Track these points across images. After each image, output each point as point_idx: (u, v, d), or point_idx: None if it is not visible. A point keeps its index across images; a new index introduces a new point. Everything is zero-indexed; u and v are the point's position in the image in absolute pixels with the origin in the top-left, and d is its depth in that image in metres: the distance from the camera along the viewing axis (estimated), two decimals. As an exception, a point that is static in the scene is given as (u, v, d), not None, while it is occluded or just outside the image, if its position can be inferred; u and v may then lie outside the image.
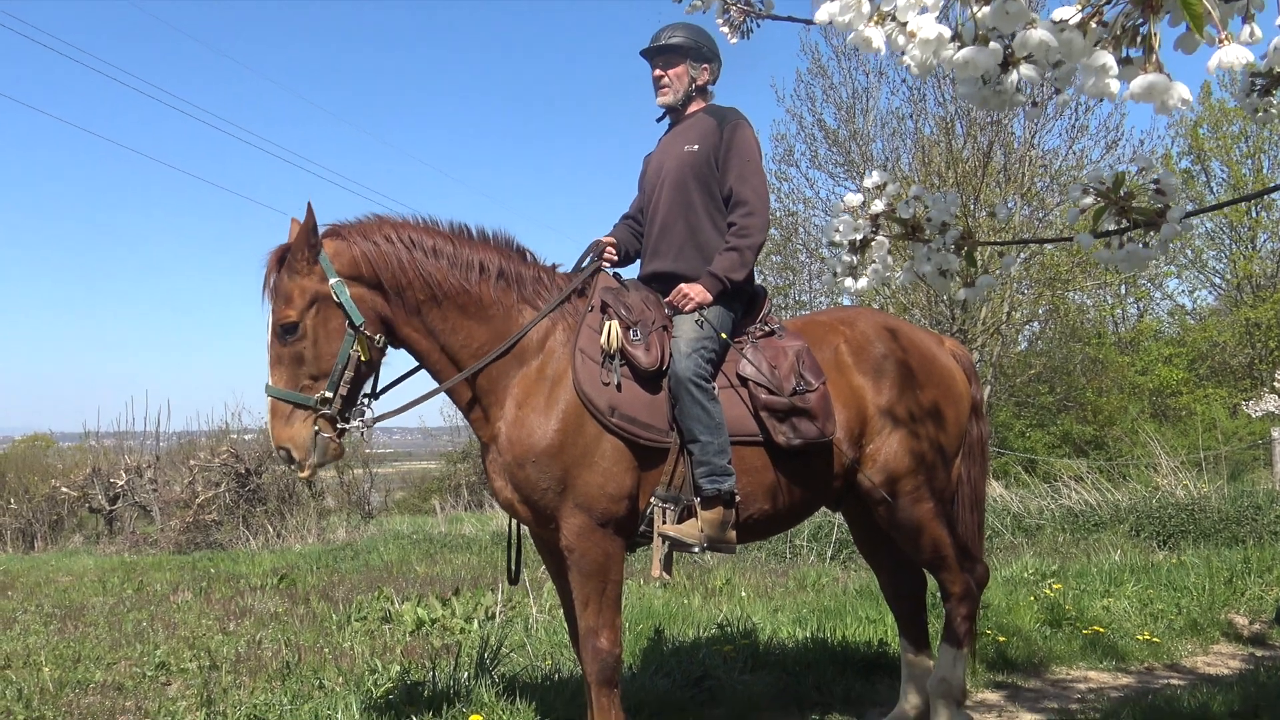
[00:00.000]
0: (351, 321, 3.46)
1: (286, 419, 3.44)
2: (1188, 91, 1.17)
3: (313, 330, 3.46)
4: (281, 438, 3.44)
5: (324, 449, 3.45)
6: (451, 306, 3.58)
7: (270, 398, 3.48)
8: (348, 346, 3.46)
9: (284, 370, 3.47)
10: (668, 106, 4.01)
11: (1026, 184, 16.44)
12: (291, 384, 3.46)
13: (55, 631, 7.06)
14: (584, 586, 3.54)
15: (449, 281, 3.57)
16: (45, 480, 17.31)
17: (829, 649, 5.40)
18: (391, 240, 3.57)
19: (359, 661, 5.47)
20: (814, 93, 17.61)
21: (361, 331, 3.46)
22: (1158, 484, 11.13)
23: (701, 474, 3.52)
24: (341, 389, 3.46)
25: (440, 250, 3.60)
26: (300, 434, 3.43)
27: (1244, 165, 23.45)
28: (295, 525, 14.57)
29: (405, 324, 3.58)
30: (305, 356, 3.46)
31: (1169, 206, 1.47)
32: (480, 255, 3.65)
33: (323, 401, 3.44)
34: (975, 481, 4.34)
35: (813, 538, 9.61)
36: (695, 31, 3.92)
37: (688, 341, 3.60)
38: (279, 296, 3.48)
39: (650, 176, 4.05)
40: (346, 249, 3.53)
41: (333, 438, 3.46)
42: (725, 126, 3.88)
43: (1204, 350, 23.79)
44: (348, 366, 3.46)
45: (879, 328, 4.09)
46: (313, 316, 3.46)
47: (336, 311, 3.47)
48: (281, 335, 3.46)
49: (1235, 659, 5.76)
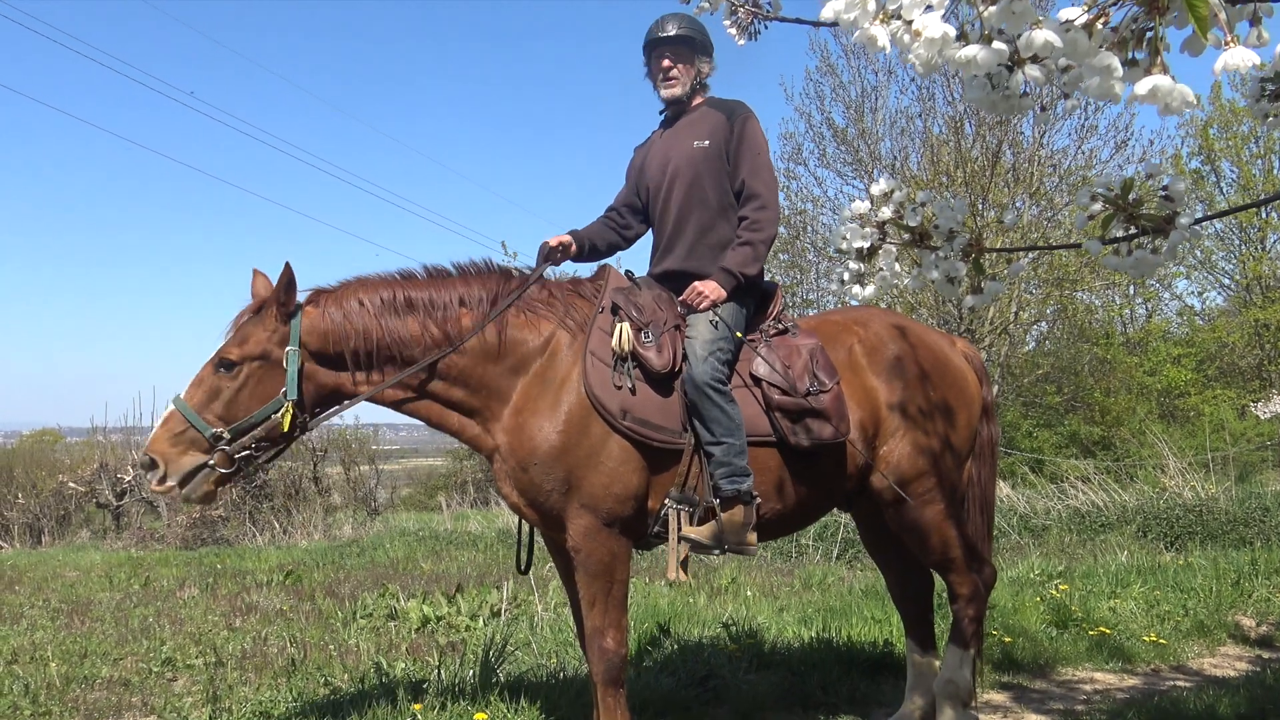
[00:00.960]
0: (287, 392, 3.48)
1: (175, 436, 3.44)
2: (1191, 94, 1.17)
3: (246, 379, 3.50)
4: (158, 449, 3.43)
5: (197, 485, 3.44)
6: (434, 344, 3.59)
7: (172, 406, 3.50)
8: (271, 409, 3.49)
9: (201, 394, 3.50)
10: (674, 99, 4.00)
11: (1035, 184, 16.40)
12: (200, 409, 3.47)
13: (62, 627, 7.08)
14: (590, 586, 3.54)
15: (422, 331, 3.59)
16: (53, 475, 17.39)
17: (834, 649, 5.40)
18: (364, 304, 3.59)
19: (364, 659, 5.47)
20: (823, 91, 17.63)
21: (294, 405, 3.49)
22: (1165, 485, 11.11)
23: (721, 475, 3.50)
24: (246, 439, 3.48)
25: (414, 301, 3.62)
26: (179, 458, 3.43)
27: (1254, 166, 23.35)
28: (301, 521, 14.61)
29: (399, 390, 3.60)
30: (223, 396, 3.48)
31: (1177, 213, 1.47)
32: (463, 290, 3.67)
33: (215, 438, 3.44)
34: (984, 483, 4.32)
35: (819, 537, 9.61)
36: (696, 23, 3.91)
37: (703, 344, 3.59)
38: (236, 332, 3.55)
39: (654, 172, 4.02)
40: (320, 322, 3.57)
41: (210, 479, 3.44)
42: (735, 120, 3.87)
43: (1212, 351, 23.71)
44: (261, 425, 3.49)
45: (892, 328, 4.09)
46: (254, 368, 3.51)
47: (280, 377, 3.50)
48: (216, 367, 3.51)
49: (1242, 661, 5.74)
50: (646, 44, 3.96)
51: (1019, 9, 1.20)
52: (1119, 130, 16.75)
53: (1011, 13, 1.19)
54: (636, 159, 4.16)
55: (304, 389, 3.53)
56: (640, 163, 4.12)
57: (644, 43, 3.97)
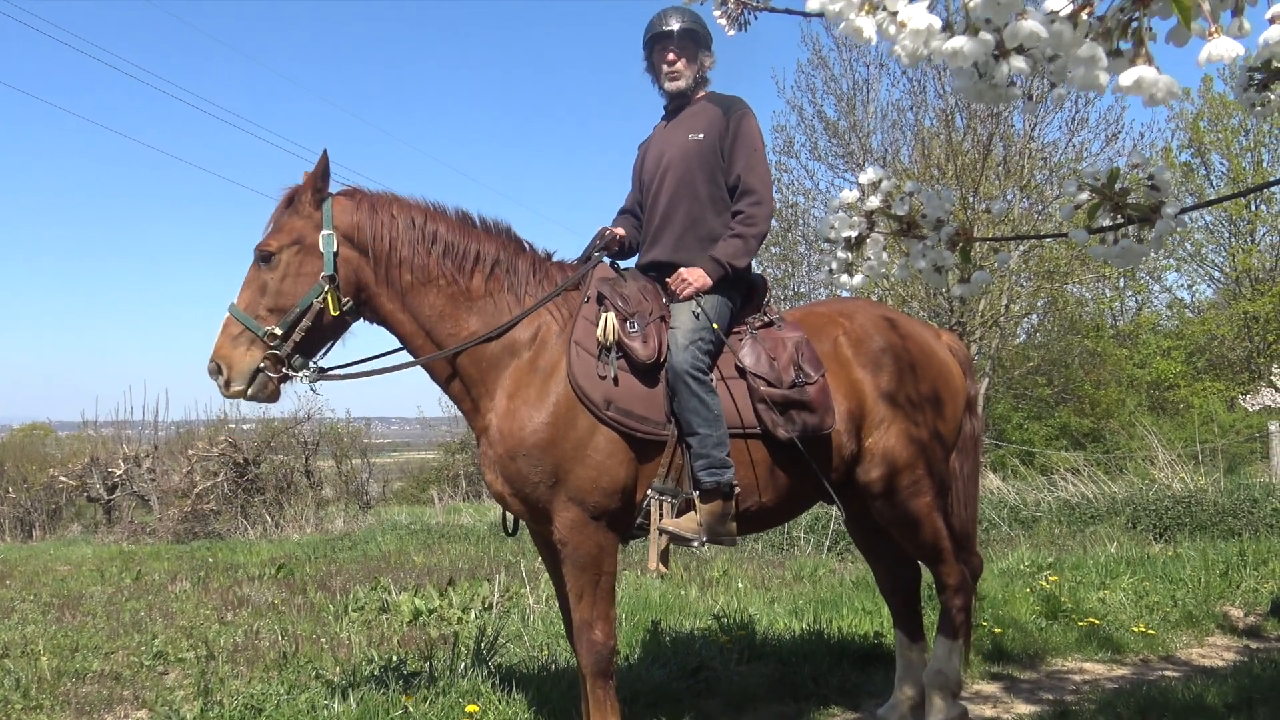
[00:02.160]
0: (326, 273, 3.50)
1: (234, 339, 3.50)
2: (1176, 85, 1.19)
3: (285, 266, 3.52)
4: (221, 354, 3.49)
5: (262, 385, 3.49)
6: (439, 293, 3.60)
7: (228, 313, 3.53)
8: (314, 295, 3.50)
9: (249, 294, 3.54)
10: (679, 92, 3.98)
11: (1026, 176, 16.44)
12: (250, 310, 3.51)
13: (53, 620, 7.07)
14: (578, 579, 3.53)
15: (438, 269, 3.60)
16: (43, 469, 17.36)
17: (825, 640, 5.41)
18: (394, 217, 3.61)
19: (356, 652, 5.48)
20: (814, 84, 17.64)
21: (334, 286, 3.50)
22: (1154, 477, 11.16)
23: (700, 466, 3.50)
24: (296, 334, 3.49)
25: (439, 236, 3.63)
26: (241, 359, 3.48)
27: (1244, 159, 23.44)
28: (293, 515, 14.61)
29: (389, 300, 3.60)
30: (270, 288, 3.52)
31: (1163, 202, 1.48)
32: (477, 245, 3.67)
33: (270, 336, 3.47)
34: (968, 476, 4.34)
35: (810, 529, 9.63)
36: (698, 17, 3.89)
37: (685, 333, 3.58)
38: (273, 225, 3.58)
39: (650, 165, 4.01)
40: (352, 211, 3.59)
41: (273, 379, 3.49)
42: (732, 115, 3.86)
43: (1202, 344, 23.82)
44: (307, 314, 3.50)
45: (878, 320, 4.08)
46: (291, 254, 3.53)
47: (316, 259, 3.52)
48: (258, 261, 3.55)
49: (1230, 651, 5.77)
50: (649, 39, 3.93)
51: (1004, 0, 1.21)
52: (1109, 123, 16.79)
53: (997, 3, 1.20)
54: (639, 155, 4.16)
55: (341, 272, 3.53)
56: (641, 158, 4.12)
57: (645, 38, 3.94)
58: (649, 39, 3.93)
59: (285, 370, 3.50)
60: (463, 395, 3.67)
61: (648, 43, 3.95)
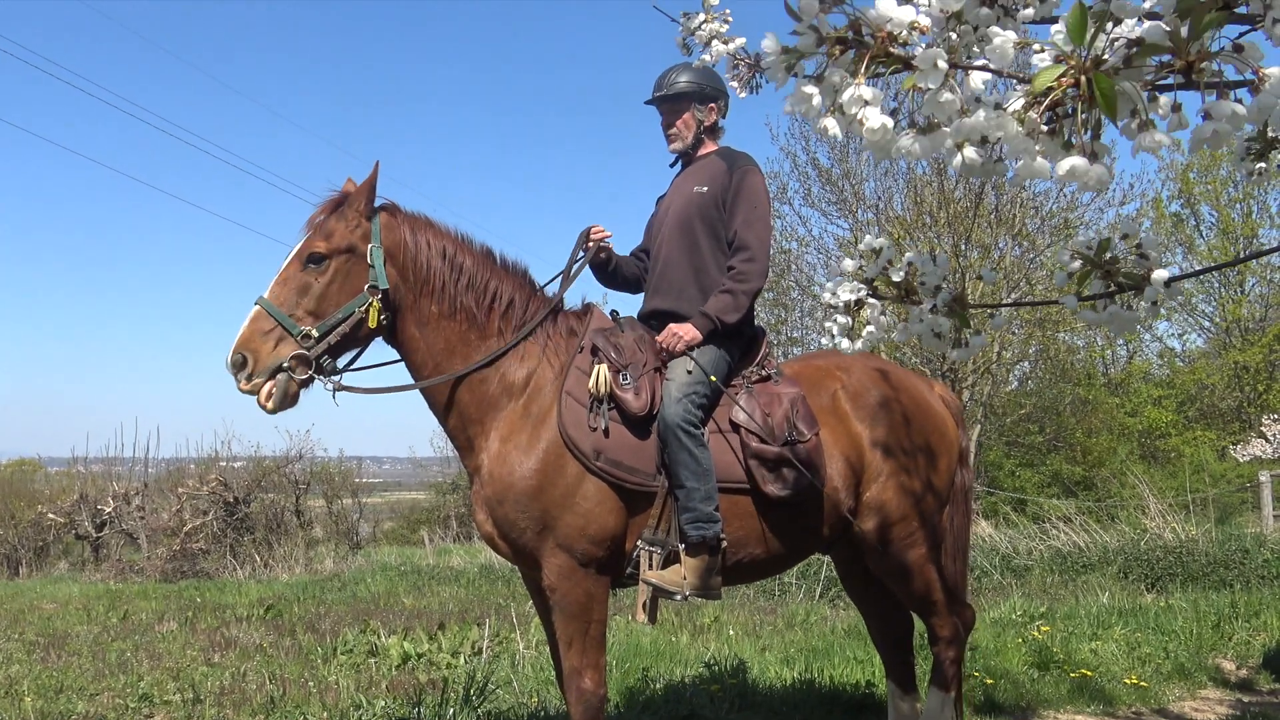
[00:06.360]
0: (375, 285, 3.49)
1: (264, 334, 3.40)
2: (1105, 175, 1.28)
3: (335, 273, 3.48)
4: (250, 345, 3.38)
5: (283, 386, 3.38)
6: (455, 329, 3.61)
7: (257, 306, 3.44)
8: (357, 304, 3.47)
9: (286, 292, 3.45)
10: (679, 153, 4.05)
11: (1018, 225, 16.61)
12: (286, 308, 3.43)
13: (38, 660, 7.00)
14: (567, 627, 3.52)
15: (460, 305, 3.61)
16: (31, 506, 17.21)
17: (816, 689, 5.39)
18: (429, 244, 3.62)
19: (344, 696, 5.44)
20: (808, 132, 17.80)
21: (379, 299, 3.49)
22: (1146, 526, 11.15)
23: (686, 520, 3.49)
24: (332, 338, 3.45)
25: (465, 269, 3.65)
26: (270, 354, 3.38)
27: (1233, 209, 23.71)
28: (283, 555, 14.52)
29: (413, 325, 3.60)
30: (313, 291, 3.46)
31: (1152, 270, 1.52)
32: (498, 283, 3.70)
33: (305, 337, 3.41)
34: (959, 528, 4.35)
35: (802, 576, 9.60)
36: (697, 73, 3.92)
37: (679, 386, 3.59)
38: (319, 230, 3.53)
39: (659, 215, 4.07)
40: (395, 229, 3.60)
41: (295, 380, 3.39)
42: (735, 171, 3.88)
43: (1193, 393, 23.94)
44: (347, 321, 3.47)
45: (874, 373, 4.11)
46: (341, 261, 3.49)
47: (365, 271, 3.50)
48: (304, 262, 3.48)
49: (1223, 704, 5.75)
50: (647, 104, 4.02)
51: (944, 100, 1.33)
52: (1100, 174, 16.95)
53: (938, 103, 1.32)
54: (655, 209, 4.21)
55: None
56: (655, 209, 4.18)
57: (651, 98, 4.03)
58: (650, 102, 4.02)
59: (312, 373, 3.43)
60: (459, 431, 3.67)
61: (652, 105, 4.03)
